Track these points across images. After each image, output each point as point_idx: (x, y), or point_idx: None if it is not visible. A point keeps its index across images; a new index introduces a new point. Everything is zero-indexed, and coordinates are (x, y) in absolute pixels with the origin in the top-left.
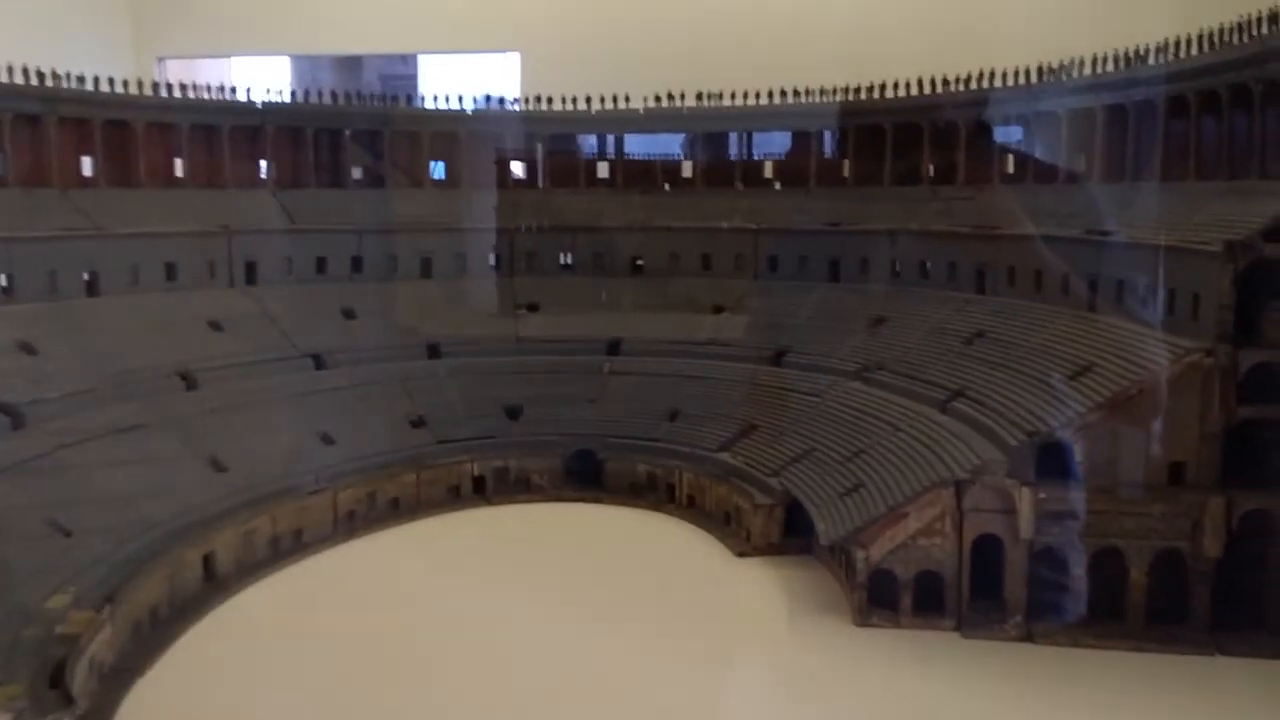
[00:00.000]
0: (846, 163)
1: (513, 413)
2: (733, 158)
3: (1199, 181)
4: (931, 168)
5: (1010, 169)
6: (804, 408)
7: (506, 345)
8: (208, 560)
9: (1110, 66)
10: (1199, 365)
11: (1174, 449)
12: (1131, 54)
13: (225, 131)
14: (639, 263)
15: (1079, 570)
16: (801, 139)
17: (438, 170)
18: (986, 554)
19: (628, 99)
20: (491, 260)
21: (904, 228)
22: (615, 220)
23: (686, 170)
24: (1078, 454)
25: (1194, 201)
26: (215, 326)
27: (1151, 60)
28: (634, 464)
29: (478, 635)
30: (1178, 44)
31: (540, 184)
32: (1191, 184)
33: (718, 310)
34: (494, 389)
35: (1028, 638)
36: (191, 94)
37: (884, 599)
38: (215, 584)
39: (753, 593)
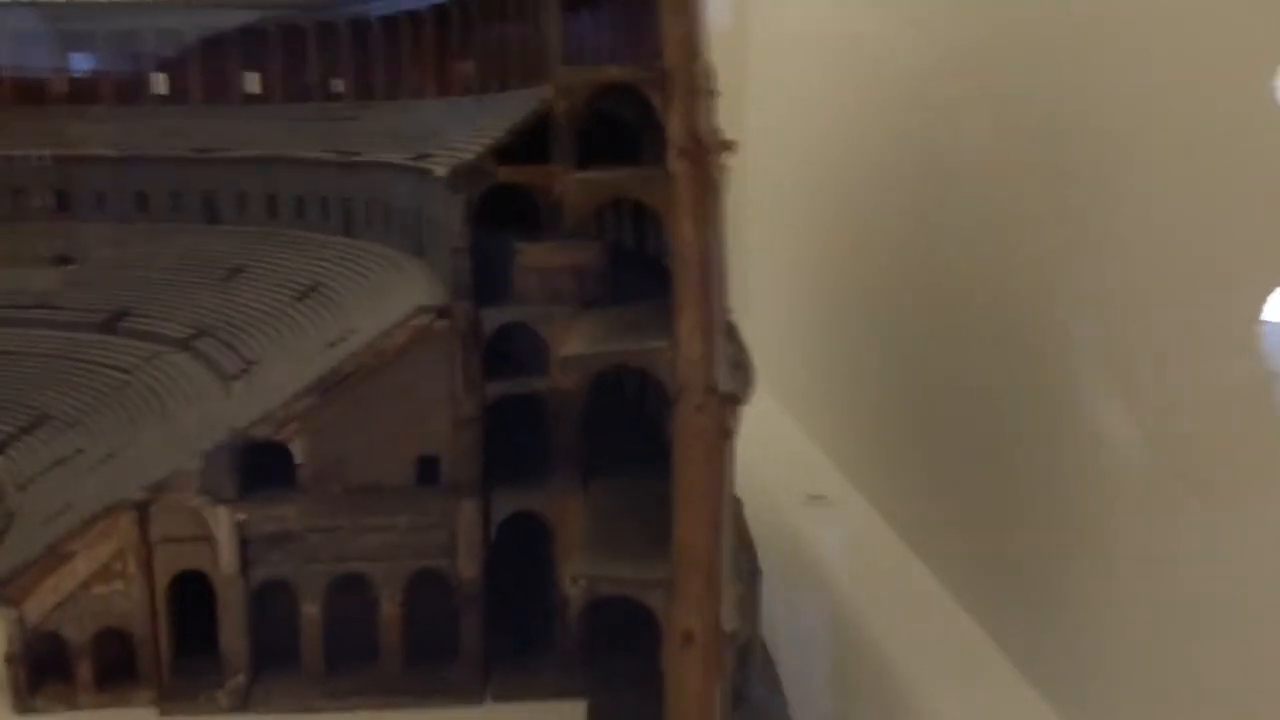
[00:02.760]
0: (248, 76)
1: None
2: (101, 69)
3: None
4: (326, 82)
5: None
6: (106, 391)
7: None
8: None
9: None
10: (429, 331)
11: (421, 440)
12: None
13: None
14: None
15: (312, 609)
16: (186, 41)
17: None
18: (201, 596)
19: None
20: None
21: (275, 155)
22: None
23: (63, 83)
24: (298, 454)
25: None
26: None
27: None
28: None
29: None
30: None
31: None
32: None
33: (63, 262)
34: None
35: (244, 706)
36: None
37: (62, 670)
38: None
39: None
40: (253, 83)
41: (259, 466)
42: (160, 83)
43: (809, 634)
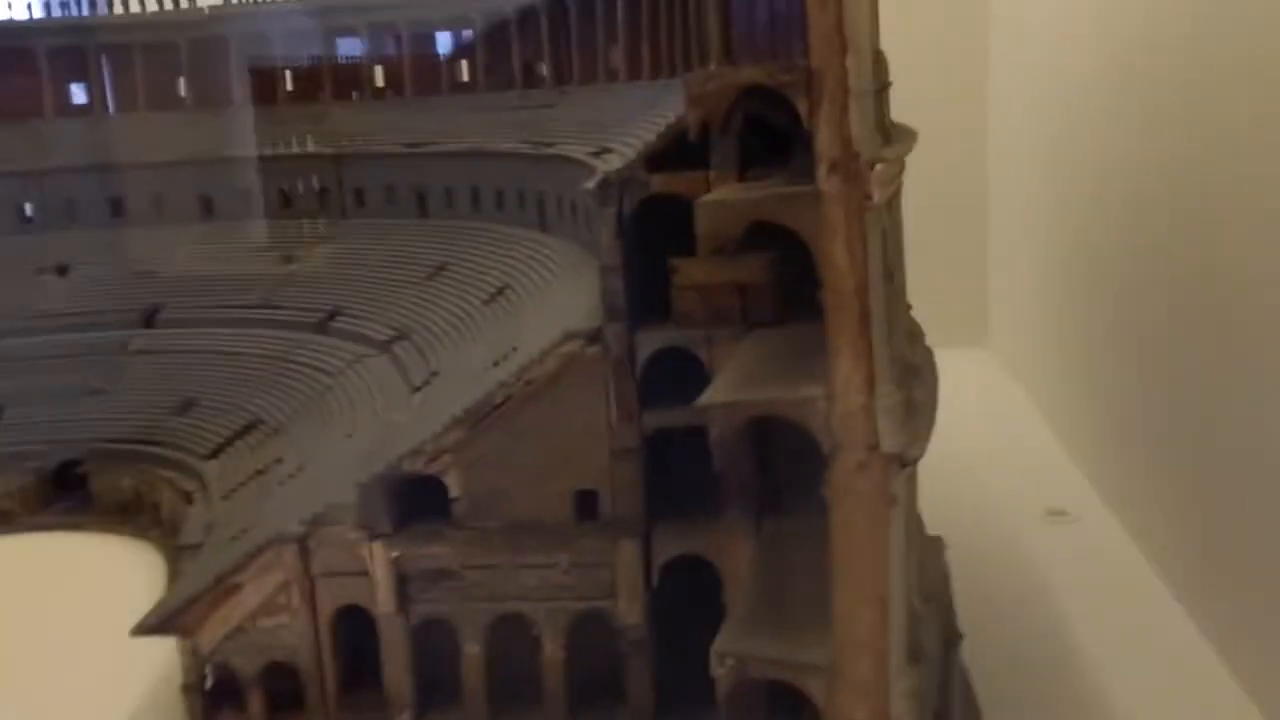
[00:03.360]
0: (463, 65)
1: None
2: (327, 61)
3: None
4: (527, 68)
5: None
6: (311, 396)
7: (13, 324)
8: None
9: None
10: (580, 358)
11: (578, 474)
12: None
13: None
14: (209, 202)
15: (474, 649)
16: (398, 34)
17: None
18: (366, 631)
19: None
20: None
21: (477, 148)
22: (161, 152)
23: (290, 81)
24: (451, 488)
25: None
26: None
27: None
28: (121, 477)
29: None
30: None
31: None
32: None
33: (288, 260)
34: None
35: None
36: None
37: (235, 699)
38: None
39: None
40: (460, 72)
41: (420, 498)
42: (376, 76)
43: (1037, 691)
